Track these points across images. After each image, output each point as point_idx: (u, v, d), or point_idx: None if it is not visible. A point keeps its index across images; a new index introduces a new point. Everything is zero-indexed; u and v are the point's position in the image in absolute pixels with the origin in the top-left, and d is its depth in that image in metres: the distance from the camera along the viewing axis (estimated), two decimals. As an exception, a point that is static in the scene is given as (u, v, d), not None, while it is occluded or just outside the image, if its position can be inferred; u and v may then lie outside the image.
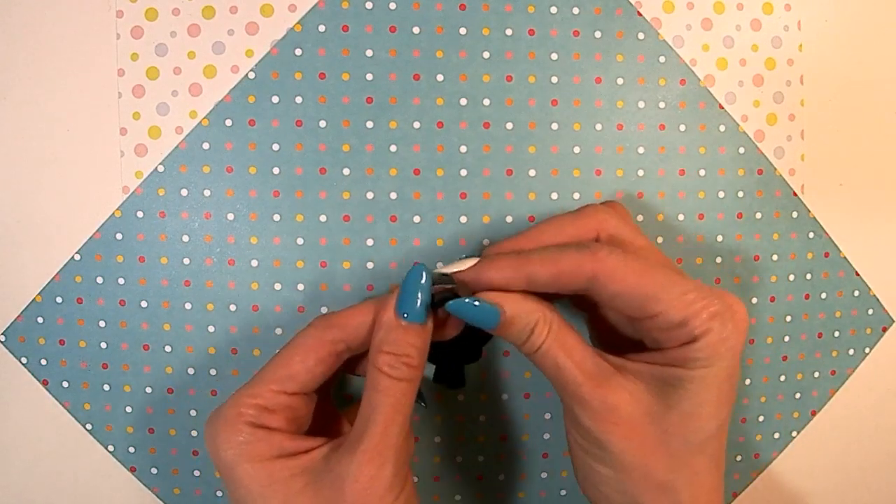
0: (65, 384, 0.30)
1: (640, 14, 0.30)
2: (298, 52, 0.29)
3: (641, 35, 0.30)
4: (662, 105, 0.30)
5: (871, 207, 0.32)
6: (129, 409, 0.30)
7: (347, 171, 0.29)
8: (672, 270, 0.23)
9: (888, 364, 0.33)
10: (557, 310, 0.24)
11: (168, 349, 0.30)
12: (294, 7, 0.29)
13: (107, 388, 0.30)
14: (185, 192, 0.29)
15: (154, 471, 0.31)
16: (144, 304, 0.29)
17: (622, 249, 0.23)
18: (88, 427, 0.30)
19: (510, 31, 0.29)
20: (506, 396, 0.31)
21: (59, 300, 0.30)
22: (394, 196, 0.29)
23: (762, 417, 0.32)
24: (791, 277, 0.32)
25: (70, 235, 0.29)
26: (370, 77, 0.29)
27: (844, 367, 0.33)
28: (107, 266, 0.29)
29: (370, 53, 0.29)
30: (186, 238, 0.29)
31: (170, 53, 0.29)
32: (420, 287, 0.23)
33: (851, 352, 0.33)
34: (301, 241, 0.29)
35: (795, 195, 0.31)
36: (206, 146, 0.29)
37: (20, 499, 0.31)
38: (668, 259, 0.25)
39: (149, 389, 0.30)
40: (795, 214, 0.31)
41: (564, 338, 0.23)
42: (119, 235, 0.29)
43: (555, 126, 0.30)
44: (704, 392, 0.22)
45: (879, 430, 0.33)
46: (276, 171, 0.29)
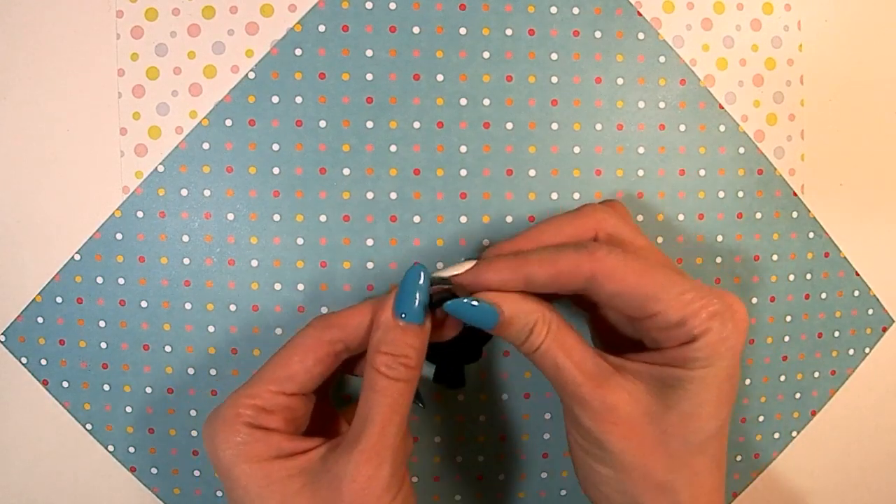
0: (65, 384, 0.30)
1: (640, 14, 0.30)
2: (298, 52, 0.29)
3: (641, 35, 0.30)
4: (662, 105, 0.30)
5: (871, 207, 0.32)
6: (129, 409, 0.30)
7: (347, 171, 0.29)
8: (671, 270, 0.23)
9: (888, 364, 0.33)
10: (557, 310, 0.24)
11: (168, 349, 0.30)
12: (294, 7, 0.29)
13: (107, 388, 0.30)
14: (185, 192, 0.29)
15: (154, 471, 0.31)
16: (144, 304, 0.29)
17: (621, 249, 0.23)
18: (88, 427, 0.30)
19: (510, 31, 0.29)
20: (506, 396, 0.31)
21: (59, 300, 0.30)
22: (394, 196, 0.29)
23: (762, 417, 0.32)
24: (791, 277, 0.32)
25: (70, 235, 0.29)
26: (370, 77, 0.29)
27: (844, 367, 0.33)
28: (107, 266, 0.29)
29: (370, 53, 0.29)
30: (186, 238, 0.29)
31: (170, 53, 0.29)
32: (418, 287, 0.23)
33: (851, 352, 0.33)
34: (301, 241, 0.29)
35: (795, 195, 0.31)
36: (206, 146, 0.29)
37: (20, 499, 0.31)
38: (668, 259, 0.25)
39: (149, 389, 0.30)
40: (795, 214, 0.31)
41: (564, 338, 0.23)
42: (119, 235, 0.29)
43: (555, 126, 0.30)
44: (704, 392, 0.22)
45: (879, 430, 0.33)
46: (276, 171, 0.29)
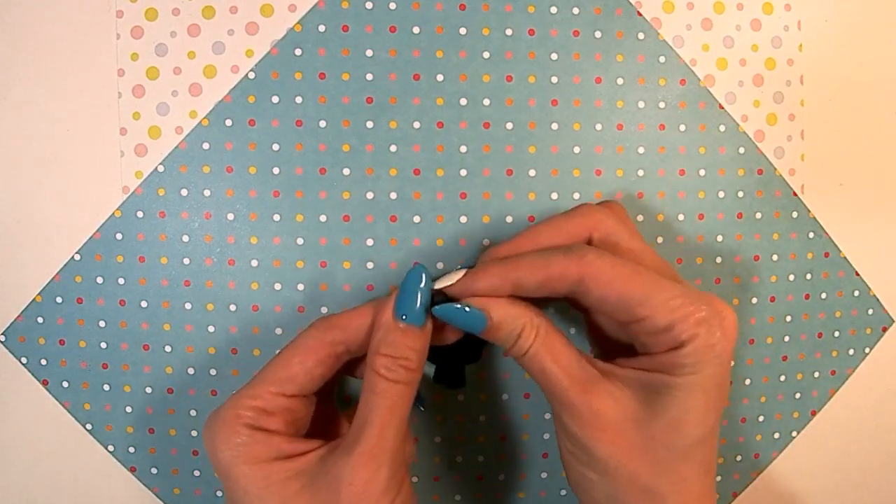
0: (65, 384, 0.30)
1: (640, 14, 0.30)
2: (298, 52, 0.29)
3: (641, 35, 0.30)
4: (662, 105, 0.30)
5: (871, 207, 0.32)
6: (129, 409, 0.30)
7: (347, 171, 0.29)
8: (662, 275, 0.23)
9: (888, 364, 0.33)
10: (546, 315, 0.24)
11: (168, 349, 0.30)
12: (294, 7, 0.29)
13: (107, 388, 0.30)
14: (185, 192, 0.29)
15: (154, 471, 0.31)
16: (144, 304, 0.29)
17: (611, 252, 0.23)
18: (88, 427, 0.30)
19: (510, 31, 0.29)
20: (506, 396, 0.31)
21: (59, 300, 0.30)
22: (394, 196, 0.29)
23: (762, 417, 0.32)
24: (791, 277, 0.32)
25: (70, 235, 0.29)
26: (370, 77, 0.29)
27: (844, 367, 0.33)
28: (107, 266, 0.29)
29: (370, 53, 0.29)
30: (186, 238, 0.29)
31: (170, 53, 0.29)
32: (419, 289, 0.23)
33: (851, 352, 0.33)
34: (301, 241, 0.29)
35: (795, 195, 0.31)
36: (206, 146, 0.29)
37: (20, 499, 0.31)
38: (664, 261, 0.25)
39: (149, 389, 0.30)
40: (795, 214, 0.31)
41: (552, 343, 0.23)
42: (119, 235, 0.29)
43: (555, 126, 0.29)
44: (691, 399, 0.22)
45: (879, 430, 0.33)
46: (276, 171, 0.29)
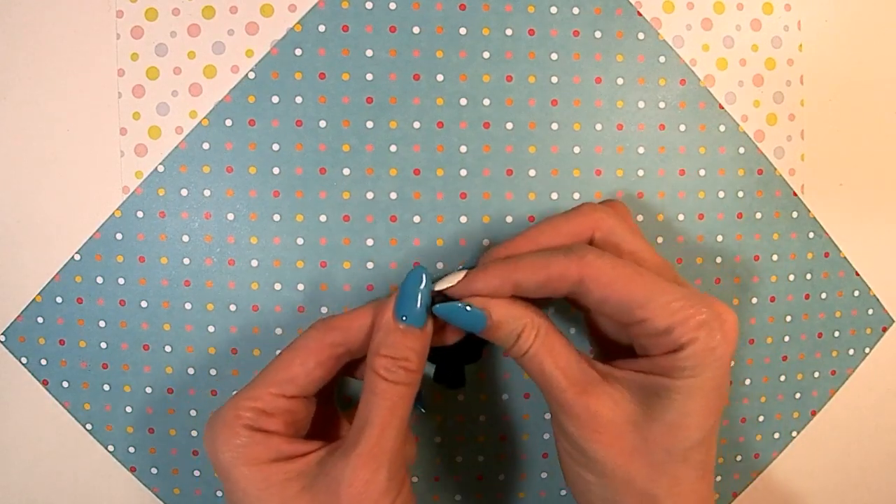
0: (65, 384, 0.30)
1: (640, 14, 0.30)
2: (298, 52, 0.29)
3: (641, 35, 0.30)
4: (662, 105, 0.30)
5: (871, 207, 0.32)
6: (129, 409, 0.30)
7: (347, 171, 0.29)
8: (663, 277, 0.23)
9: (888, 364, 0.33)
10: (547, 315, 0.24)
11: (168, 349, 0.30)
12: (294, 7, 0.29)
13: (107, 388, 0.30)
14: (185, 192, 0.29)
15: (154, 471, 0.31)
16: (144, 304, 0.29)
17: (612, 253, 0.23)
18: (88, 427, 0.30)
19: (510, 31, 0.29)
20: (506, 396, 0.31)
21: (59, 300, 0.30)
22: (394, 196, 0.29)
23: (762, 417, 0.32)
24: (791, 277, 0.32)
25: (70, 235, 0.29)
26: (370, 77, 0.29)
27: (844, 367, 0.33)
28: (107, 266, 0.29)
29: (370, 53, 0.29)
30: (186, 238, 0.29)
31: (170, 53, 0.29)
32: (419, 290, 0.23)
33: (851, 352, 0.33)
34: (301, 241, 0.29)
35: (795, 195, 0.31)
36: (206, 146, 0.29)
37: (20, 499, 0.31)
38: (665, 262, 0.25)
39: (149, 389, 0.30)
40: (795, 214, 0.31)
41: (552, 343, 0.23)
42: (119, 235, 0.29)
43: (555, 126, 0.29)
44: (690, 402, 0.22)
45: (879, 430, 0.33)
46: (276, 171, 0.29)
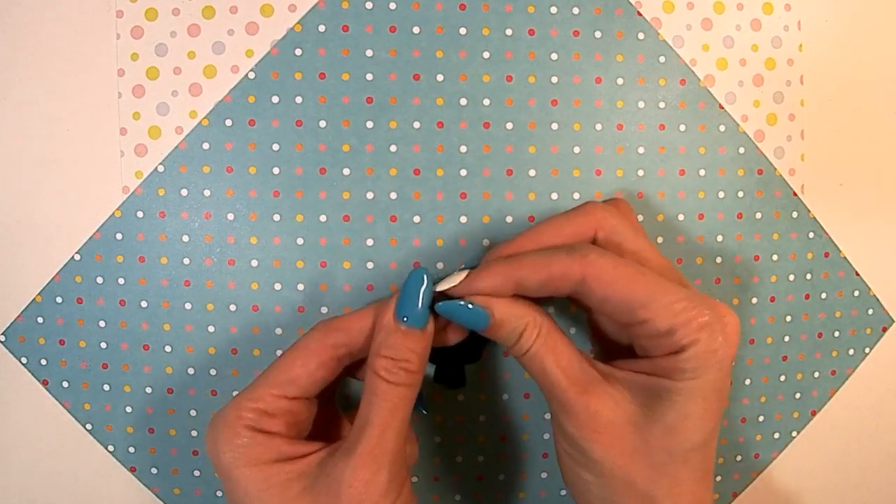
0: (65, 384, 0.30)
1: (640, 14, 0.30)
2: (298, 52, 0.29)
3: (641, 35, 0.30)
4: (662, 105, 0.30)
5: (871, 207, 0.32)
6: (129, 409, 0.30)
7: (347, 171, 0.29)
8: (665, 277, 0.23)
9: (888, 364, 0.33)
10: (549, 315, 0.24)
11: (168, 349, 0.30)
12: (294, 7, 0.29)
13: (107, 388, 0.30)
14: (185, 192, 0.29)
15: (154, 471, 0.31)
16: (144, 304, 0.29)
17: (615, 253, 0.23)
18: (88, 427, 0.30)
19: (510, 31, 0.29)
20: (506, 396, 0.31)
21: (59, 300, 0.30)
22: (394, 196, 0.29)
23: (762, 417, 0.32)
24: (791, 277, 0.32)
25: (70, 235, 0.29)
26: (370, 77, 0.29)
27: (844, 367, 0.33)
28: (107, 266, 0.29)
29: (370, 53, 0.29)
30: (186, 238, 0.29)
31: (170, 53, 0.29)
32: (420, 291, 0.23)
33: (851, 352, 0.33)
34: (301, 241, 0.29)
35: (795, 195, 0.31)
36: (206, 146, 0.29)
37: (20, 499, 0.31)
38: (668, 262, 0.25)
39: (149, 389, 0.30)
40: (795, 214, 0.31)
41: (553, 343, 0.23)
42: (119, 235, 0.29)
43: (555, 126, 0.29)
44: (690, 404, 0.22)
45: (879, 430, 0.33)
46: (276, 171, 0.29)
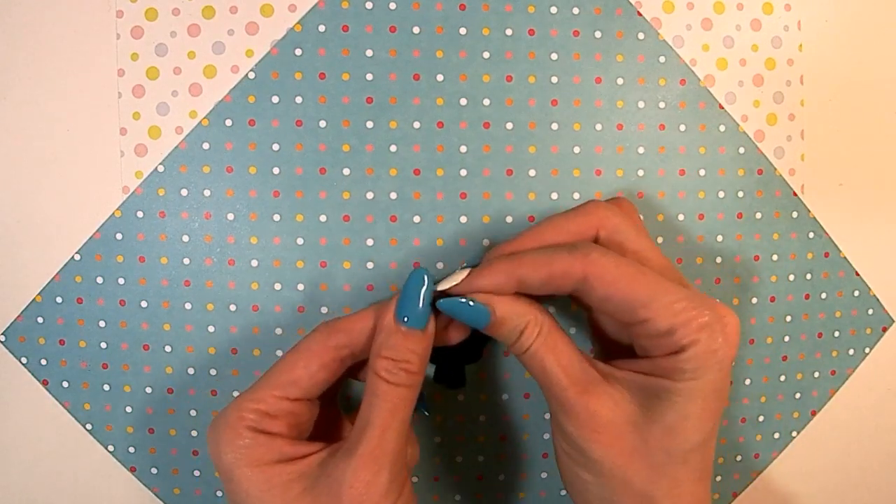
0: (65, 384, 0.30)
1: (640, 14, 0.30)
2: (298, 52, 0.29)
3: (641, 35, 0.30)
4: (662, 105, 0.30)
5: (871, 207, 0.32)
6: (129, 409, 0.30)
7: (347, 171, 0.29)
8: (667, 277, 0.23)
9: (888, 364, 0.33)
10: (550, 313, 0.24)
11: (168, 349, 0.30)
12: (294, 7, 0.29)
13: (107, 388, 0.30)
14: (185, 192, 0.29)
15: (154, 471, 0.31)
16: (144, 304, 0.29)
17: (616, 252, 0.23)
18: (88, 427, 0.30)
19: (510, 31, 0.29)
20: (506, 396, 0.31)
21: (59, 300, 0.30)
22: (394, 196, 0.29)
23: (762, 417, 0.32)
24: (791, 277, 0.32)
25: (70, 235, 0.29)
26: (370, 77, 0.29)
27: (844, 367, 0.33)
28: (107, 266, 0.29)
29: (370, 53, 0.29)
30: (186, 238, 0.29)
31: (170, 53, 0.29)
32: (420, 292, 0.23)
33: (851, 352, 0.33)
34: (301, 241, 0.29)
35: (795, 195, 0.31)
36: (206, 146, 0.29)
37: (20, 499, 0.31)
38: (669, 262, 0.25)
39: (149, 389, 0.30)
40: (795, 214, 0.31)
41: (554, 342, 0.23)
42: (119, 235, 0.29)
43: (555, 126, 0.29)
44: (690, 405, 0.22)
45: (879, 430, 0.33)
46: (276, 171, 0.29)
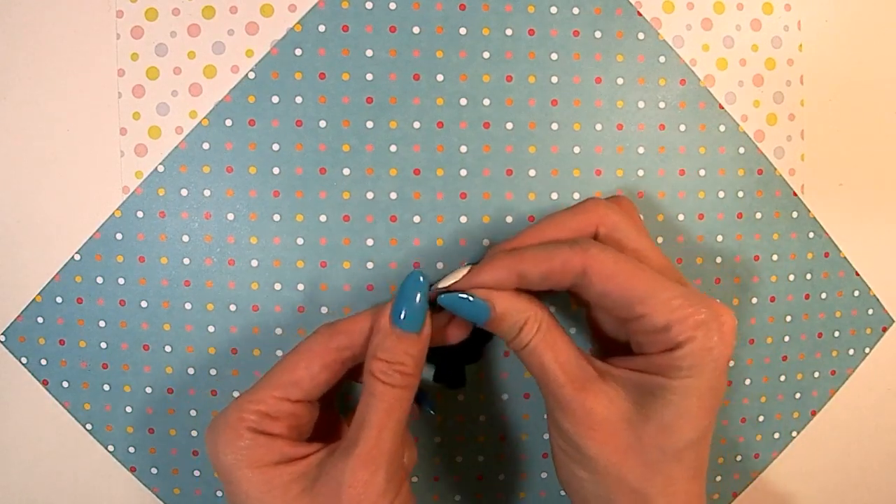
0: (65, 384, 0.30)
1: (640, 14, 0.30)
2: (298, 52, 0.29)
3: (641, 35, 0.30)
4: (662, 105, 0.30)
5: (871, 207, 0.32)
6: (129, 409, 0.30)
7: (347, 171, 0.29)
8: (665, 275, 0.23)
9: (888, 364, 0.33)
10: (550, 311, 0.24)
11: (168, 349, 0.30)
12: (294, 7, 0.29)
13: (107, 388, 0.30)
14: (185, 192, 0.29)
15: (154, 471, 0.31)
16: (144, 304, 0.29)
17: (616, 248, 0.23)
18: (88, 427, 0.30)
19: (510, 31, 0.29)
20: (506, 396, 0.31)
21: (59, 300, 0.30)
22: (394, 196, 0.29)
23: (762, 417, 0.32)
24: (791, 277, 0.32)
25: (70, 235, 0.29)
26: (370, 77, 0.29)
27: (844, 367, 0.33)
28: (107, 266, 0.29)
29: (370, 53, 0.29)
30: (186, 238, 0.29)
31: (170, 53, 0.29)
32: (416, 295, 0.23)
33: (851, 352, 0.33)
34: (301, 241, 0.29)
35: (795, 195, 0.31)
36: (206, 146, 0.29)
37: (20, 499, 0.31)
38: (668, 260, 0.25)
39: (149, 389, 0.30)
40: (795, 214, 0.31)
41: (553, 339, 0.24)
42: (119, 235, 0.29)
43: (555, 126, 0.29)
44: (685, 402, 0.22)
45: (879, 430, 0.33)
46: (276, 171, 0.29)
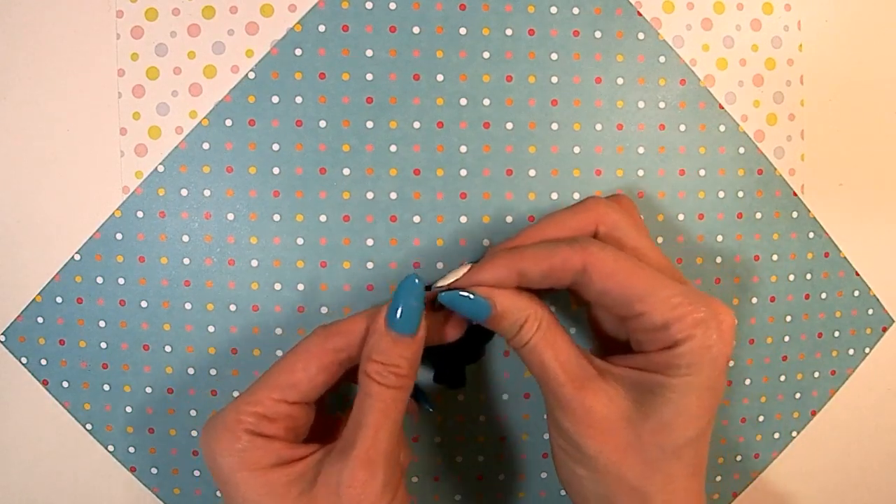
0: (65, 384, 0.30)
1: (640, 14, 0.30)
2: (298, 52, 0.29)
3: (641, 35, 0.30)
4: (662, 105, 0.30)
5: (871, 207, 0.32)
6: (129, 409, 0.30)
7: (347, 171, 0.29)
8: (664, 273, 0.23)
9: (888, 364, 0.33)
10: (551, 310, 0.24)
11: (168, 349, 0.30)
12: (294, 7, 0.29)
13: (107, 388, 0.30)
14: (185, 192, 0.29)
15: (154, 471, 0.31)
16: (144, 304, 0.29)
17: (616, 247, 0.23)
18: (88, 427, 0.30)
19: (510, 31, 0.29)
20: (506, 396, 0.31)
21: (59, 300, 0.30)
22: (394, 196, 0.29)
23: (762, 417, 0.32)
24: (791, 277, 0.32)
25: (70, 235, 0.29)
26: (370, 77, 0.29)
27: (844, 367, 0.33)
28: (107, 266, 0.29)
29: (370, 53, 0.29)
30: (186, 238, 0.29)
31: (170, 53, 0.29)
32: (411, 298, 0.23)
33: (851, 352, 0.33)
34: (301, 241, 0.29)
35: (795, 195, 0.31)
36: (206, 146, 0.29)
37: (20, 499, 0.31)
38: (667, 260, 0.25)
39: (149, 389, 0.30)
40: (795, 214, 0.31)
41: (553, 337, 0.24)
42: (119, 235, 0.29)
43: (555, 126, 0.29)
44: (684, 401, 0.22)
45: (879, 430, 0.33)
46: (276, 171, 0.29)
